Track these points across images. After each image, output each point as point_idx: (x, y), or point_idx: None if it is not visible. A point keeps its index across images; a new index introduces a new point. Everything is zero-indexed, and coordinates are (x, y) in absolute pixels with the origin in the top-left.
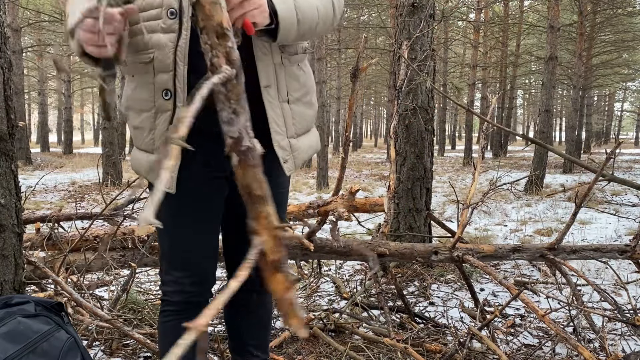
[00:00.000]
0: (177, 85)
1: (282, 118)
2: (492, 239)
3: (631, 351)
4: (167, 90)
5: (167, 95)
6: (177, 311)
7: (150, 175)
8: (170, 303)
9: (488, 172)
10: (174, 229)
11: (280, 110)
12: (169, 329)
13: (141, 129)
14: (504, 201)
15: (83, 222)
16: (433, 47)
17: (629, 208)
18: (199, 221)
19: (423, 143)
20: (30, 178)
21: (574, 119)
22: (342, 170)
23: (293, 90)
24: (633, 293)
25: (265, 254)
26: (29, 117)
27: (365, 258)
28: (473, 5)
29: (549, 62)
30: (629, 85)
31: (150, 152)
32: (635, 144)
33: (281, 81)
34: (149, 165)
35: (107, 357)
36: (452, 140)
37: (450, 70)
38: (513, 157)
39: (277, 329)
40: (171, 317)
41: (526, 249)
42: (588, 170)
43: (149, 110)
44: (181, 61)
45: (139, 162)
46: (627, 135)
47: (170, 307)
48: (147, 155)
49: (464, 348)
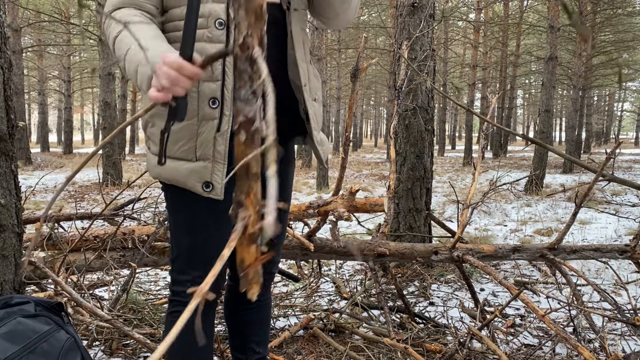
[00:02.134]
0: (225, 94)
1: (314, 115)
2: (492, 239)
3: (631, 351)
4: (214, 99)
5: (215, 104)
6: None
7: (190, 181)
8: (182, 303)
9: (488, 172)
10: (202, 229)
11: (313, 108)
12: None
13: (179, 137)
14: (504, 201)
15: (83, 222)
16: (433, 47)
17: (629, 208)
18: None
19: (423, 143)
20: (30, 178)
21: (574, 119)
22: (342, 170)
23: (316, 89)
24: (633, 293)
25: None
26: (29, 117)
27: (365, 258)
28: (473, 5)
29: (549, 62)
30: (629, 85)
31: (188, 160)
32: (635, 144)
33: (312, 80)
34: (189, 173)
35: (107, 357)
36: (452, 140)
37: (450, 70)
38: (513, 157)
39: (277, 329)
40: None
41: (526, 249)
42: (588, 170)
43: (191, 119)
44: (230, 70)
45: (174, 170)
46: (627, 135)
47: (182, 307)
48: (184, 163)
49: (464, 348)
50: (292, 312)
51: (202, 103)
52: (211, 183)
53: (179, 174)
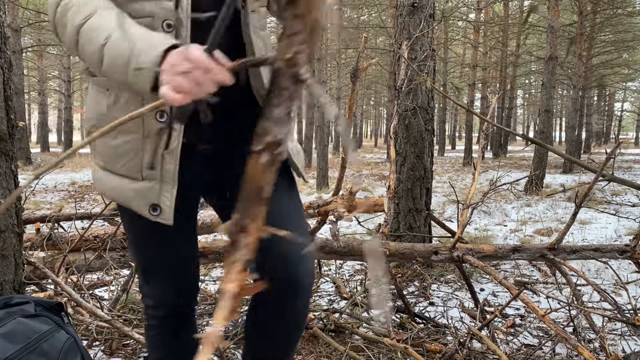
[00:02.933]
0: (173, 109)
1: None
2: (492, 239)
3: (631, 351)
4: (162, 112)
5: (163, 117)
6: (162, 324)
7: (135, 203)
8: (154, 317)
9: (488, 172)
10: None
11: None
12: (156, 343)
13: (122, 151)
14: (504, 201)
15: (83, 222)
16: (433, 47)
17: (629, 208)
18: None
19: (423, 143)
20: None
21: (574, 119)
22: (342, 170)
23: None
24: (633, 293)
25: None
26: (29, 117)
27: (365, 258)
28: (473, 5)
29: (549, 62)
30: (629, 85)
31: (133, 179)
32: (635, 144)
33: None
34: (136, 193)
35: (107, 357)
36: (452, 140)
37: (450, 70)
38: (513, 157)
39: None
40: (157, 331)
41: (526, 249)
42: (588, 170)
43: (136, 132)
44: None
45: (117, 189)
46: (627, 135)
47: (155, 320)
48: (128, 182)
49: (464, 348)
50: None
51: (147, 116)
52: (159, 206)
53: (123, 194)
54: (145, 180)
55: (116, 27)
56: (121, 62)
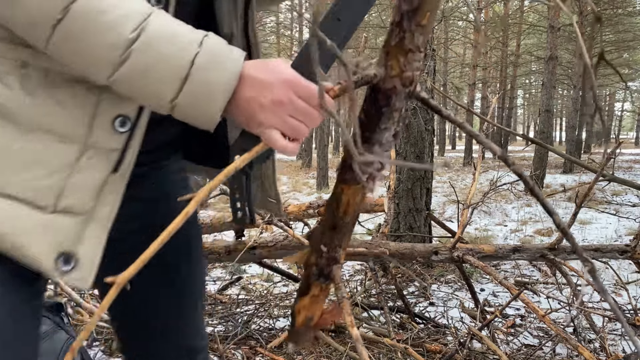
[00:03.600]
0: (142, 114)
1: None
2: (492, 239)
3: (631, 351)
4: (124, 119)
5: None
6: None
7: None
8: None
9: (488, 172)
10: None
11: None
12: None
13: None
14: (504, 201)
15: None
16: (433, 47)
17: (629, 208)
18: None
19: (423, 143)
20: None
21: (574, 119)
22: None
23: None
24: (633, 293)
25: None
26: None
27: (365, 258)
28: (473, 5)
29: (549, 62)
30: (629, 85)
31: (39, 207)
32: (635, 144)
33: None
34: (37, 230)
35: (107, 357)
36: (452, 140)
37: (450, 70)
38: (513, 157)
39: (277, 329)
40: None
41: (526, 249)
42: (588, 170)
43: (71, 142)
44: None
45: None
46: (627, 135)
47: None
48: (28, 210)
49: (464, 348)
50: None
51: (100, 120)
52: (74, 256)
53: (12, 228)
54: (59, 213)
55: (148, 12)
56: (169, 75)
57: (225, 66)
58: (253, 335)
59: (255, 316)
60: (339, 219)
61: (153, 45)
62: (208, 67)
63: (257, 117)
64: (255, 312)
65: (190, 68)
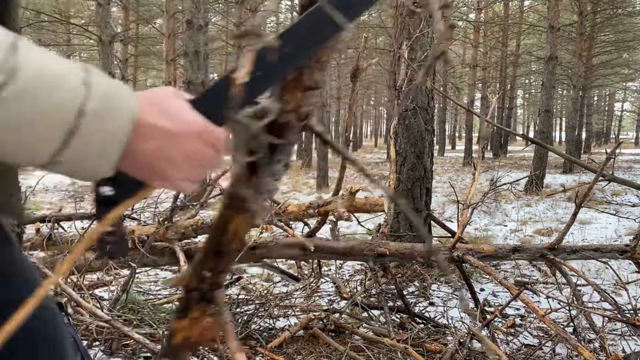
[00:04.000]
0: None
1: None
2: (492, 239)
3: (631, 351)
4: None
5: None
6: None
7: None
8: None
9: (488, 172)
10: None
11: None
12: None
13: None
14: (504, 201)
15: (83, 222)
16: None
17: (629, 208)
18: None
19: (423, 143)
20: (30, 178)
21: (574, 119)
22: (342, 170)
23: None
24: (633, 293)
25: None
26: None
27: (365, 258)
28: (473, 5)
29: (549, 62)
30: (629, 85)
31: None
32: (635, 144)
33: None
34: None
35: (107, 357)
36: (452, 140)
37: (450, 70)
38: (513, 157)
39: (277, 329)
40: None
41: (526, 249)
42: (588, 170)
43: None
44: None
45: None
46: (627, 135)
47: None
48: None
49: (464, 348)
50: (292, 312)
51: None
52: None
53: None
54: None
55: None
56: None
57: (122, 113)
58: (253, 335)
59: (255, 316)
60: (225, 245)
61: (29, 92)
62: (102, 116)
63: (165, 172)
64: (255, 312)
65: (78, 119)
